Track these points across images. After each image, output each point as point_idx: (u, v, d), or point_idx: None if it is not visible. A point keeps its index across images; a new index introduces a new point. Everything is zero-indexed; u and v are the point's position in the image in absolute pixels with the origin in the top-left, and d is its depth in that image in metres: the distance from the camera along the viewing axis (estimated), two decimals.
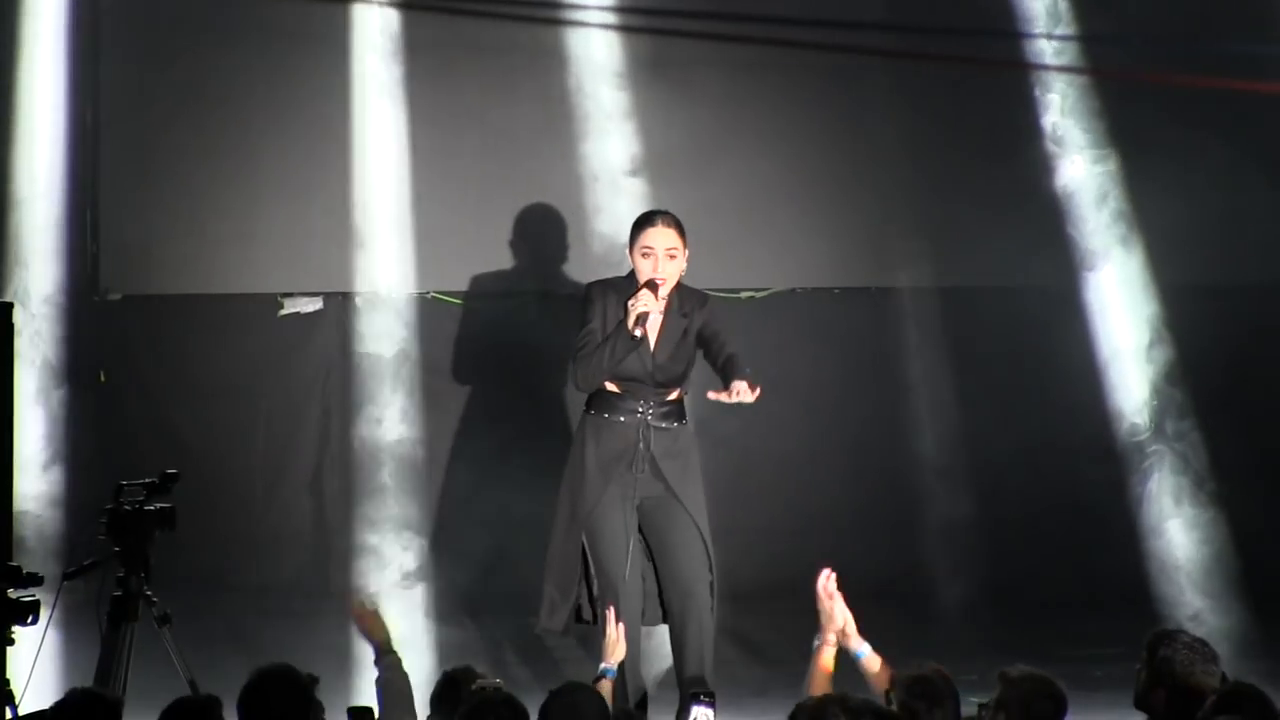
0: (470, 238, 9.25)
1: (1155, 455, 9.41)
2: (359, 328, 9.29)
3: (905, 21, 9.21)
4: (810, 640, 5.63)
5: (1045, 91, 9.43)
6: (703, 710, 6.42)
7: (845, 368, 9.38)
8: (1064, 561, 9.20)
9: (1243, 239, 9.35)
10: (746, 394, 6.46)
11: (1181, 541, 9.31)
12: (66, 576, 6.14)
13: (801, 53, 8.98)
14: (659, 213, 6.77)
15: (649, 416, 6.67)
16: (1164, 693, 4.81)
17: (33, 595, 5.74)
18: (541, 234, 9.15)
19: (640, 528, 6.66)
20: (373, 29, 9.23)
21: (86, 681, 5.84)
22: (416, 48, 9.20)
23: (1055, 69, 9.38)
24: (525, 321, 9.16)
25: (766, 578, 8.56)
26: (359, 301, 9.27)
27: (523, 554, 8.90)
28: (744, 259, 9.18)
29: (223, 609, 8.58)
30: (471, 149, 9.25)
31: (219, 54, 9.14)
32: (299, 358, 9.32)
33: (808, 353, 9.25)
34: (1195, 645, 4.90)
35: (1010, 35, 9.39)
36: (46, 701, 4.70)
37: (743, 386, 6.47)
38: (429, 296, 9.31)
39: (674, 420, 6.73)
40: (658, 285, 6.62)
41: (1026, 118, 9.43)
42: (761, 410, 8.57)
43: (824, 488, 9.29)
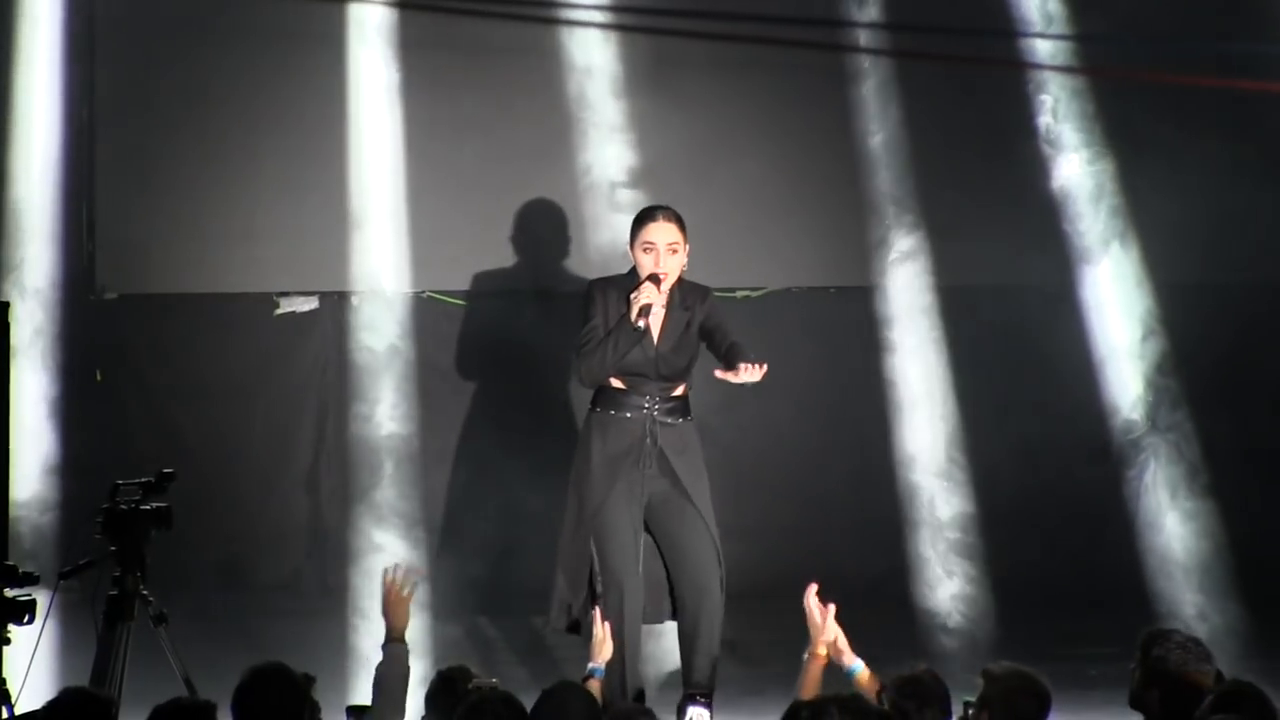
0: (466, 236, 9.25)
1: (1150, 452, 9.41)
2: (355, 327, 9.29)
3: (900, 21, 9.22)
4: (802, 642, 5.62)
5: (1040, 91, 9.44)
6: (699, 710, 6.43)
7: (841, 367, 9.38)
8: (1060, 560, 9.21)
9: (1238, 237, 9.35)
10: (753, 373, 6.46)
11: (1178, 538, 9.31)
12: (62, 576, 6.14)
13: (798, 52, 8.98)
14: (659, 208, 6.80)
15: (655, 411, 6.68)
16: (1158, 692, 4.82)
17: (29, 594, 5.75)
18: (538, 232, 9.15)
19: (647, 525, 6.67)
20: (369, 28, 9.23)
21: (83, 681, 5.84)
22: (413, 47, 9.20)
23: (1050, 68, 9.38)
24: (522, 320, 9.16)
25: (761, 577, 8.54)
26: (355, 300, 9.27)
27: (520, 552, 8.93)
28: (740, 259, 9.18)
29: (219, 608, 8.59)
30: (468, 148, 9.25)
31: (215, 53, 9.14)
32: (295, 357, 9.32)
33: (804, 352, 9.25)
34: (1188, 644, 4.91)
35: (1005, 34, 9.39)
36: (42, 701, 4.70)
37: (749, 365, 6.48)
38: (425, 295, 9.31)
39: (680, 415, 6.74)
40: (660, 279, 6.64)
41: (1022, 117, 9.43)
42: (757, 409, 8.63)
43: (819, 486, 9.29)
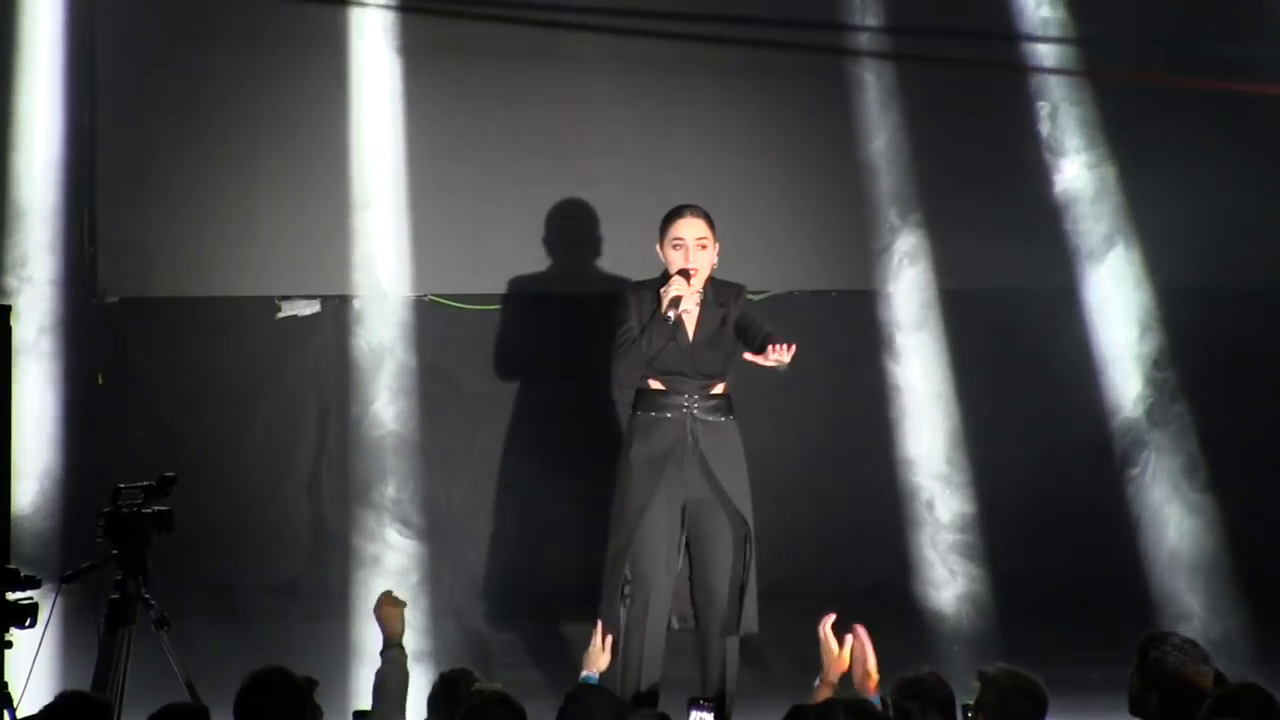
0: (468, 241, 9.25)
1: (1151, 452, 9.41)
2: (357, 330, 9.29)
3: (902, 24, 9.22)
4: (802, 641, 5.62)
5: (1041, 94, 9.43)
6: (702, 716, 6.42)
7: (843, 371, 9.38)
8: (1063, 562, 9.20)
9: (1238, 240, 9.35)
10: (782, 353, 6.44)
11: (1179, 539, 9.31)
12: (64, 579, 6.15)
13: (800, 56, 8.99)
14: (688, 205, 6.84)
15: (695, 410, 6.67)
16: (1157, 695, 4.81)
17: (30, 598, 5.75)
18: (539, 237, 9.15)
19: (687, 529, 6.66)
20: (371, 31, 9.22)
21: (85, 685, 5.84)
22: (415, 50, 9.20)
23: (1051, 71, 9.38)
24: (524, 325, 9.16)
25: (764, 579, 8.54)
26: (357, 304, 9.26)
27: (523, 555, 8.93)
28: (741, 262, 9.14)
29: (221, 612, 8.58)
30: (469, 151, 9.25)
31: (217, 56, 9.13)
32: (297, 360, 9.31)
33: (806, 356, 9.19)
34: (1186, 646, 4.91)
35: (1006, 38, 9.39)
36: (42, 705, 4.70)
37: (779, 347, 6.45)
38: (427, 299, 9.31)
39: (720, 414, 6.73)
40: (690, 274, 6.65)
41: (1023, 120, 9.43)
42: (760, 412, 8.61)
43: (822, 489, 9.28)
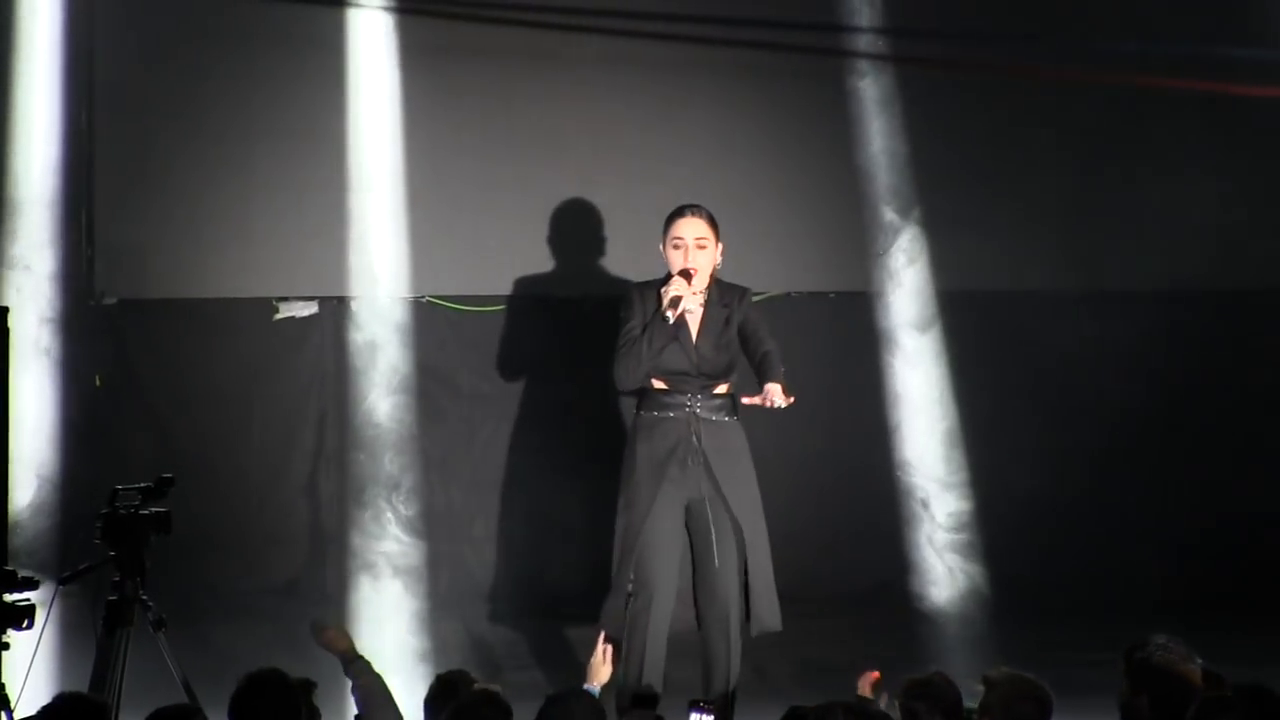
0: (466, 242, 9.25)
1: (1150, 453, 9.42)
2: (354, 331, 9.29)
3: (901, 26, 9.22)
4: (801, 642, 5.61)
5: (1040, 95, 9.43)
6: (701, 718, 6.41)
7: (841, 372, 9.38)
8: (1063, 563, 9.21)
9: (1239, 241, 9.36)
10: (779, 398, 6.46)
11: (1178, 539, 9.31)
12: (62, 581, 6.14)
13: (799, 57, 8.99)
14: (689, 206, 6.83)
15: (698, 409, 6.66)
16: (1148, 696, 4.80)
17: (28, 600, 5.74)
18: (538, 238, 9.15)
19: (686, 528, 6.66)
20: (369, 33, 9.23)
21: (82, 686, 5.83)
22: (412, 52, 9.20)
23: (1051, 71, 9.38)
24: (523, 326, 9.16)
25: None
26: (354, 305, 9.27)
27: (521, 556, 8.93)
28: (738, 264, 9.13)
29: (219, 613, 8.58)
30: (468, 153, 9.25)
31: (214, 57, 9.13)
32: (294, 362, 9.31)
33: (804, 357, 9.22)
34: (1169, 644, 4.92)
35: (1006, 39, 9.39)
36: (40, 707, 4.69)
37: (776, 390, 6.47)
38: (425, 301, 9.31)
39: (724, 414, 6.71)
40: (691, 274, 6.64)
41: (1022, 120, 9.43)
42: (759, 413, 8.60)
43: (822, 490, 9.29)
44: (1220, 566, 9.24)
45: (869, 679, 5.65)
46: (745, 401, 6.59)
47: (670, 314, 6.57)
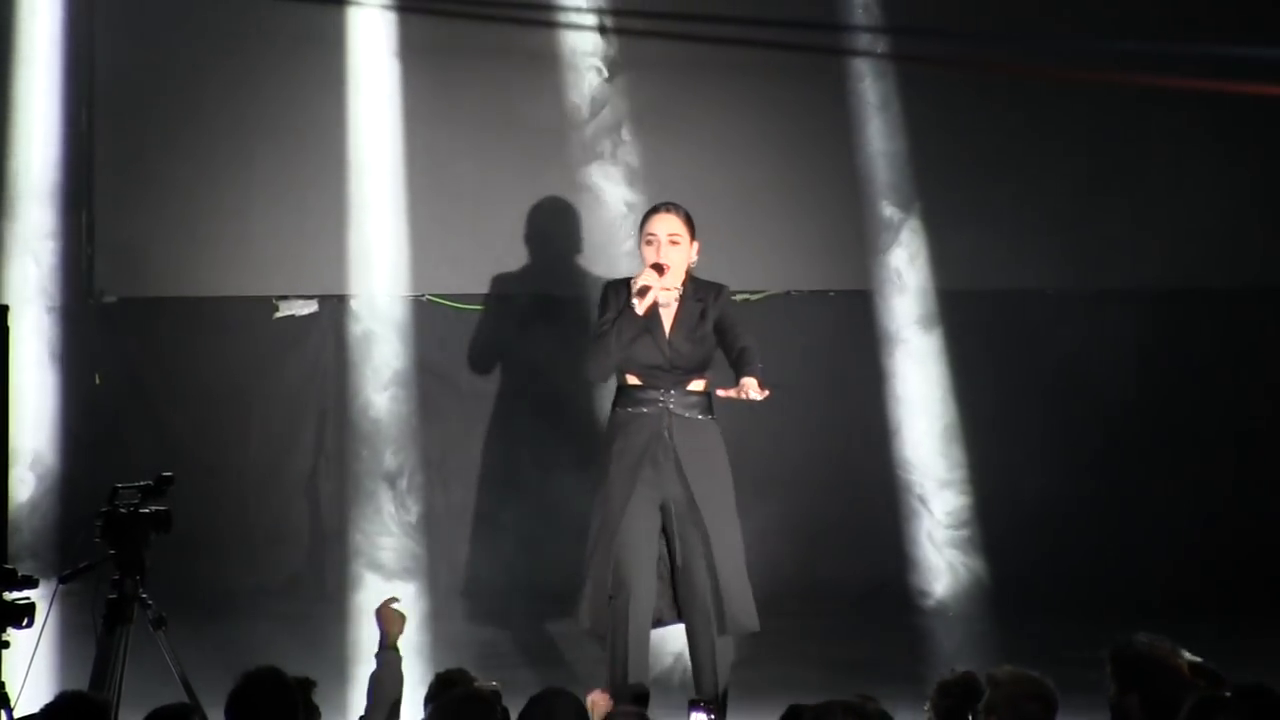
0: (466, 240, 9.25)
1: (1149, 453, 9.42)
2: (354, 330, 9.29)
3: (901, 25, 9.22)
4: (802, 641, 5.61)
5: (1039, 94, 9.43)
6: (700, 717, 6.41)
7: (841, 370, 9.38)
8: (1062, 561, 9.21)
9: (1239, 241, 9.36)
10: (755, 392, 6.46)
11: (1178, 537, 9.32)
12: (62, 579, 6.13)
13: (799, 56, 8.99)
14: (664, 203, 6.86)
15: (671, 404, 6.66)
16: (1137, 696, 4.80)
17: (28, 598, 5.74)
18: (537, 236, 9.16)
19: (664, 527, 6.66)
20: (369, 32, 9.23)
21: (82, 685, 5.83)
22: (413, 50, 9.21)
23: (1051, 71, 9.38)
24: (521, 324, 9.16)
25: (761, 580, 8.53)
26: (354, 304, 9.27)
27: (522, 554, 8.92)
28: (739, 262, 9.17)
29: (218, 612, 8.58)
30: (467, 151, 9.25)
31: (215, 56, 9.14)
32: (294, 360, 9.32)
33: (803, 356, 9.25)
34: (1154, 639, 4.92)
35: (1005, 38, 9.39)
36: (41, 705, 4.69)
37: (751, 384, 6.46)
38: (424, 299, 9.31)
39: (698, 412, 6.71)
40: (663, 269, 6.65)
41: (1021, 120, 9.43)
42: (756, 413, 8.60)
43: (821, 489, 9.29)
44: (1220, 565, 9.23)
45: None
46: (720, 394, 6.58)
47: (637, 302, 6.58)
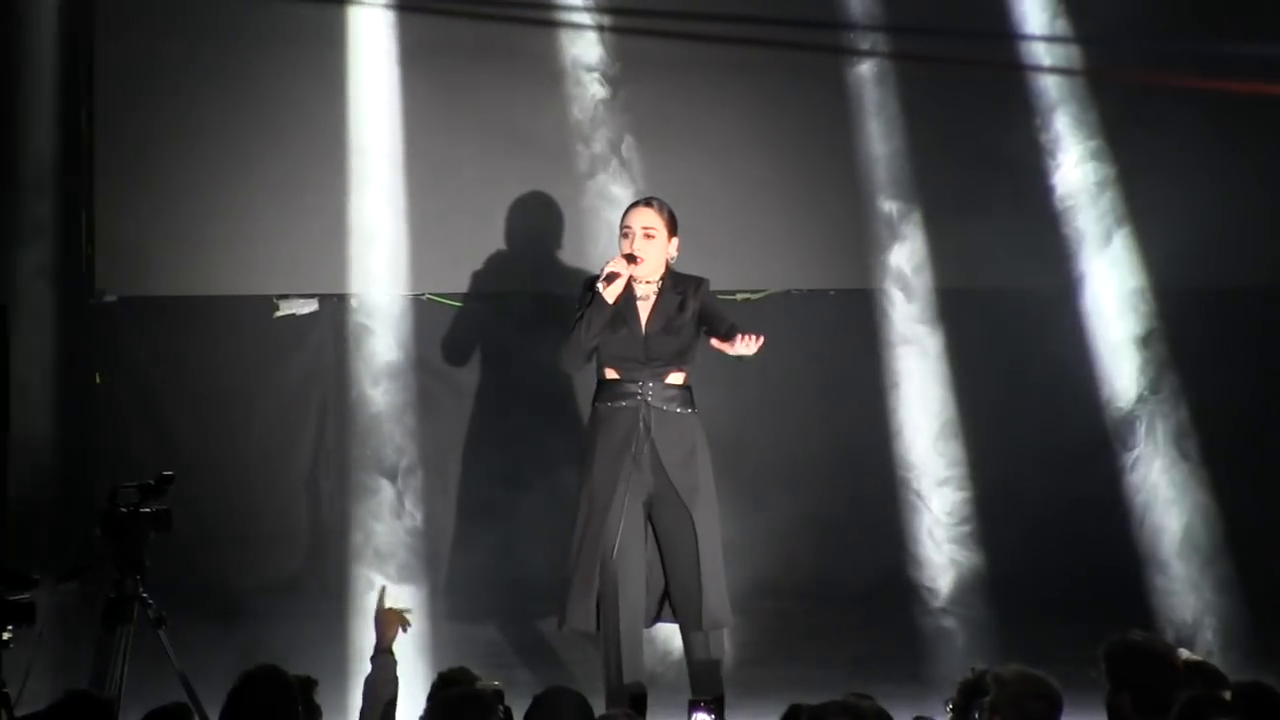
0: (466, 239, 9.25)
1: (1149, 452, 9.42)
2: (354, 329, 9.29)
3: (901, 24, 9.22)
4: (801, 641, 5.60)
5: (1039, 93, 9.43)
6: (702, 717, 6.41)
7: (841, 369, 9.38)
8: (1061, 559, 9.20)
9: (1237, 240, 9.35)
10: (749, 344, 6.47)
11: (1177, 536, 9.31)
12: (62, 579, 6.14)
13: (798, 54, 8.99)
14: (644, 198, 6.94)
15: (649, 397, 6.67)
16: (1129, 694, 4.80)
17: (28, 597, 5.74)
18: (536, 235, 9.15)
19: (652, 523, 6.66)
20: (368, 31, 9.22)
21: (82, 684, 5.84)
22: (412, 49, 9.20)
23: (1050, 70, 9.38)
24: (521, 323, 9.16)
25: (758, 578, 8.55)
26: (354, 303, 9.27)
27: (523, 553, 8.92)
28: (739, 261, 9.18)
29: (218, 610, 8.57)
30: (467, 150, 9.25)
31: (215, 55, 9.12)
32: (294, 359, 9.31)
33: (804, 355, 9.24)
34: (1149, 637, 4.93)
35: (1005, 36, 9.39)
36: (41, 704, 4.69)
37: (745, 336, 6.48)
38: (424, 298, 9.31)
39: (677, 405, 6.72)
40: (636, 260, 6.68)
41: (1021, 119, 9.43)
42: (757, 411, 8.62)
43: (821, 488, 9.27)
44: (1220, 562, 9.23)
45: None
46: (714, 344, 6.59)
47: (602, 287, 6.60)
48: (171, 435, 9.11)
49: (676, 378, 6.73)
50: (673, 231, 6.81)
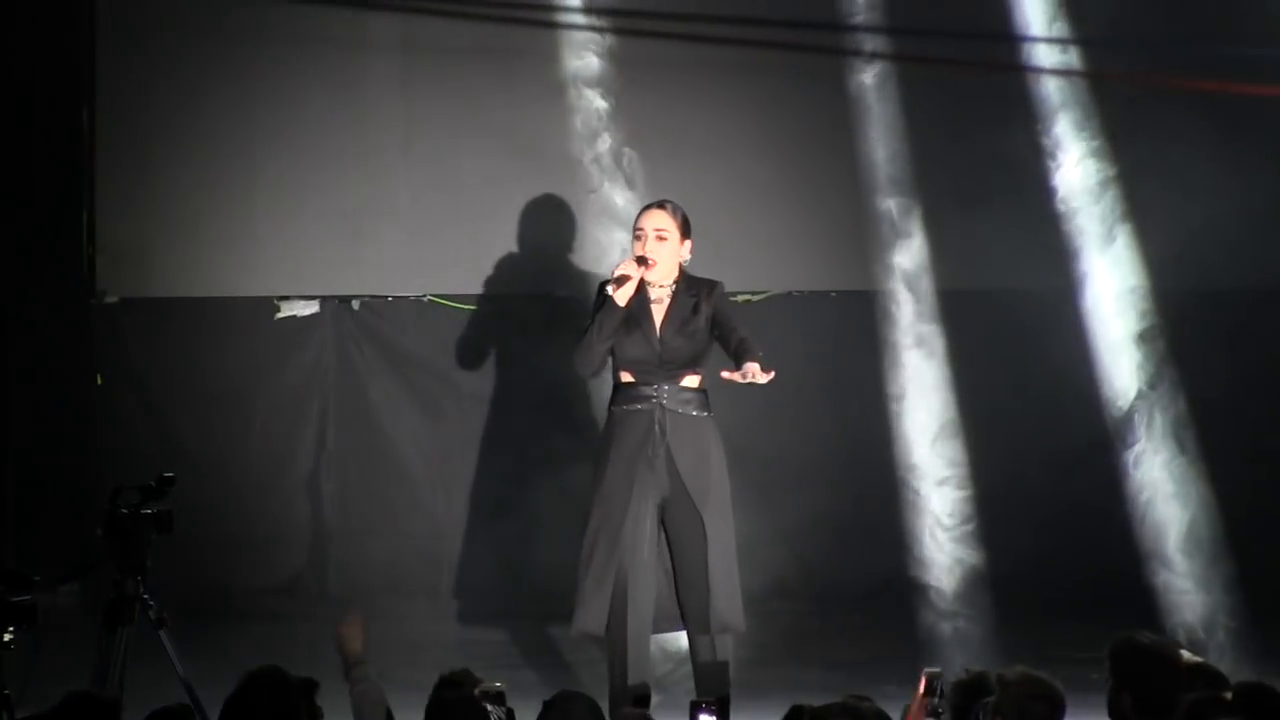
0: (468, 241, 9.25)
1: (1149, 452, 9.42)
2: (356, 330, 9.29)
3: (900, 25, 9.22)
4: (801, 641, 5.59)
5: (1040, 94, 9.43)
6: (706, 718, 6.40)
7: (842, 371, 9.38)
8: (1062, 561, 9.21)
9: (1239, 241, 9.34)
10: (759, 375, 6.45)
11: (1177, 536, 9.31)
12: (63, 580, 6.13)
13: (799, 56, 8.99)
14: (658, 200, 6.89)
15: (664, 400, 6.65)
16: (1130, 697, 4.79)
17: (29, 599, 5.73)
18: (539, 236, 9.16)
19: (662, 526, 6.66)
20: (371, 31, 9.22)
21: (83, 685, 5.83)
22: (415, 50, 9.20)
23: (1051, 71, 9.38)
24: (523, 324, 9.16)
25: (761, 579, 8.55)
26: (356, 304, 9.27)
27: (526, 555, 8.92)
28: (740, 262, 9.16)
29: (220, 612, 8.58)
30: (469, 152, 9.25)
31: (216, 56, 9.13)
32: (296, 361, 9.31)
33: (805, 356, 9.24)
34: (1156, 638, 4.93)
35: (1006, 38, 9.39)
36: (42, 706, 4.69)
37: (755, 368, 6.45)
38: (426, 299, 9.31)
39: (694, 409, 6.69)
40: (649, 263, 6.66)
41: (1022, 120, 9.43)
42: (759, 412, 8.61)
43: (822, 489, 9.28)
44: (1220, 561, 9.23)
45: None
46: (725, 376, 6.56)
47: (612, 289, 6.59)
48: (172, 436, 9.11)
49: (692, 380, 6.73)
50: (686, 234, 6.79)
